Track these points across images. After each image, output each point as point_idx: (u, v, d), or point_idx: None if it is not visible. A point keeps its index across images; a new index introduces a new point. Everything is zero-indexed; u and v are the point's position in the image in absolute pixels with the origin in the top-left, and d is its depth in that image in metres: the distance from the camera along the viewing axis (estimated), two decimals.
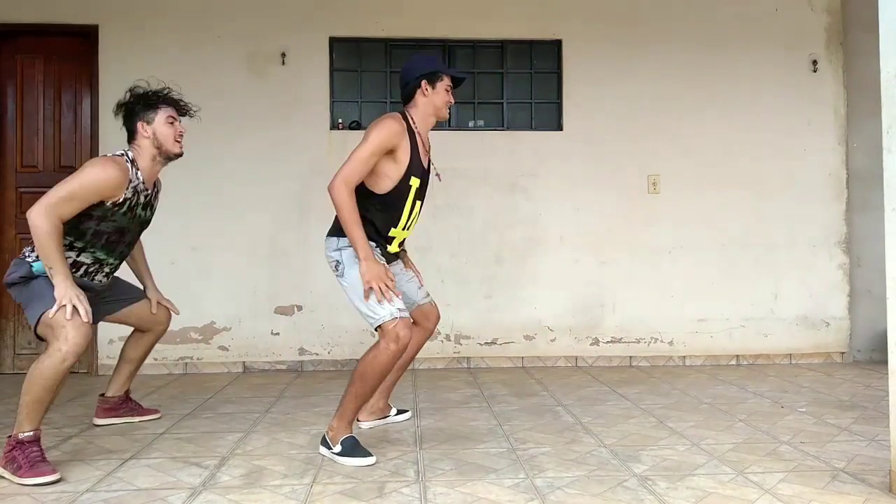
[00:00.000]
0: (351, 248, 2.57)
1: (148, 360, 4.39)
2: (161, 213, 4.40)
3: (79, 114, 4.50)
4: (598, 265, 4.64)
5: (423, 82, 2.78)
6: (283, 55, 4.50)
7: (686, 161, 4.65)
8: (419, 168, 2.70)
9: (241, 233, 4.45)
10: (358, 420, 2.93)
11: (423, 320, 2.93)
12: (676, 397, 3.55)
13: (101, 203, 2.54)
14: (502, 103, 4.68)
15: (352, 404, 2.55)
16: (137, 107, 2.68)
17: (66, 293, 2.34)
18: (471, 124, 4.68)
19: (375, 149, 2.57)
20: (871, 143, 4.48)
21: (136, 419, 3.11)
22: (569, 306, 4.61)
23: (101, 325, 4.36)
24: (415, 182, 2.69)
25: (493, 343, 4.57)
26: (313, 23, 4.53)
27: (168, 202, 4.45)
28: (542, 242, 4.62)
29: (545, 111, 4.70)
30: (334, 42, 4.59)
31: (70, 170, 4.47)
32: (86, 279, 2.69)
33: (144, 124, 2.67)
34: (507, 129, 4.65)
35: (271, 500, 2.09)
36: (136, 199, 2.66)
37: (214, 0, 4.52)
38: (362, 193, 2.62)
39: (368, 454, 2.48)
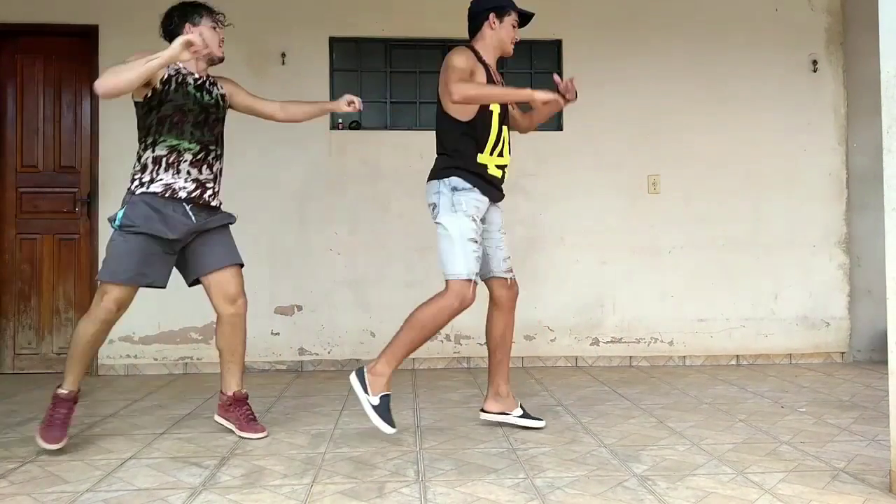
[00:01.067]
0: (448, 194, 2.67)
1: (148, 360, 4.41)
2: None
3: (79, 114, 4.50)
4: (598, 265, 4.64)
5: (492, 15, 2.81)
6: (283, 55, 4.50)
7: (686, 161, 4.65)
8: None
9: (241, 233, 4.40)
10: (483, 410, 2.91)
11: (501, 297, 2.84)
12: (676, 397, 3.55)
13: (154, 90, 2.62)
14: None
15: (402, 351, 2.62)
16: (186, 8, 2.80)
17: (171, 47, 2.41)
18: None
19: (461, 71, 2.64)
20: (871, 143, 4.48)
21: (236, 432, 2.80)
22: (569, 306, 4.61)
23: None
24: (495, 107, 2.74)
25: None
26: (313, 23, 4.53)
27: None
28: (542, 242, 4.62)
29: None
30: (334, 42, 4.59)
31: (70, 170, 4.49)
32: (171, 176, 2.64)
33: (191, 26, 2.75)
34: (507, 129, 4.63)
35: (271, 500, 2.09)
36: (180, 77, 2.69)
37: (214, 0, 4.51)
38: (449, 126, 2.73)
39: (392, 424, 2.55)
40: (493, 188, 2.79)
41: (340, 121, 4.57)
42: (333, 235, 4.53)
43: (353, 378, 2.65)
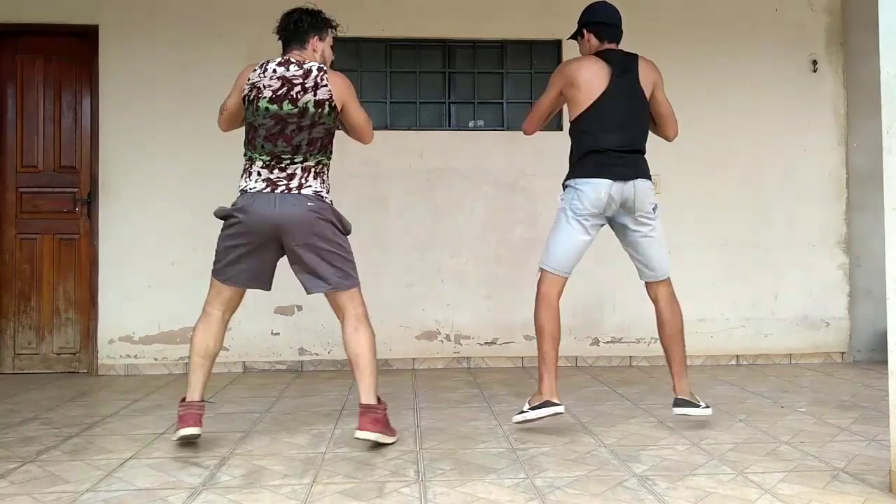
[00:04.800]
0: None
1: (148, 360, 4.41)
2: (161, 212, 4.44)
3: (79, 114, 4.50)
4: (598, 265, 4.62)
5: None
6: None
7: (686, 161, 4.64)
8: None
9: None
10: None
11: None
12: None
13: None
14: (502, 103, 4.68)
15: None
16: (320, 20, 2.76)
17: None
18: (471, 124, 4.68)
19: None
20: (871, 143, 4.47)
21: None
22: (568, 306, 4.56)
23: (100, 324, 4.40)
24: None
25: (493, 343, 4.57)
26: None
27: (168, 202, 4.48)
28: (542, 242, 4.60)
29: None
30: (334, 42, 4.58)
31: (70, 170, 4.50)
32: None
33: (317, 40, 2.74)
34: (507, 129, 4.64)
35: (271, 500, 2.09)
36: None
37: (215, 0, 4.52)
38: None
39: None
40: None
41: None
42: None
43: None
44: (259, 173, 2.66)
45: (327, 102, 2.65)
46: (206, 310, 2.79)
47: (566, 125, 4.62)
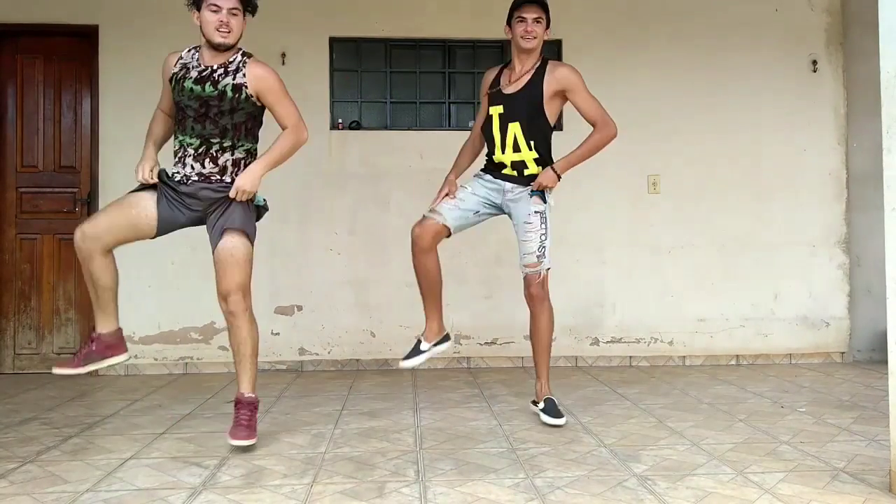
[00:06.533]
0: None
1: (148, 360, 4.41)
2: None
3: (79, 114, 4.50)
4: (598, 265, 4.63)
5: (505, 27, 3.10)
6: (283, 55, 4.49)
7: (686, 161, 4.65)
8: (497, 97, 3.07)
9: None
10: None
11: (525, 293, 3.10)
12: (676, 397, 3.55)
13: (170, 84, 2.75)
14: None
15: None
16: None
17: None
18: (471, 124, 4.66)
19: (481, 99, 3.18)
20: (871, 143, 4.48)
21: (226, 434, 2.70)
22: (569, 306, 4.60)
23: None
24: (494, 110, 3.06)
25: (493, 343, 4.57)
26: (313, 23, 4.53)
27: None
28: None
29: None
30: (334, 42, 4.59)
31: (70, 170, 4.49)
32: (180, 168, 2.72)
33: (196, 12, 2.74)
34: None
35: (271, 500, 2.09)
36: (182, 72, 2.71)
37: None
38: None
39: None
40: (512, 176, 3.09)
41: (340, 121, 4.57)
42: (333, 235, 4.53)
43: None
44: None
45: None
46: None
47: (566, 125, 4.65)
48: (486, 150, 3.18)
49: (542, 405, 3.01)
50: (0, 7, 4.36)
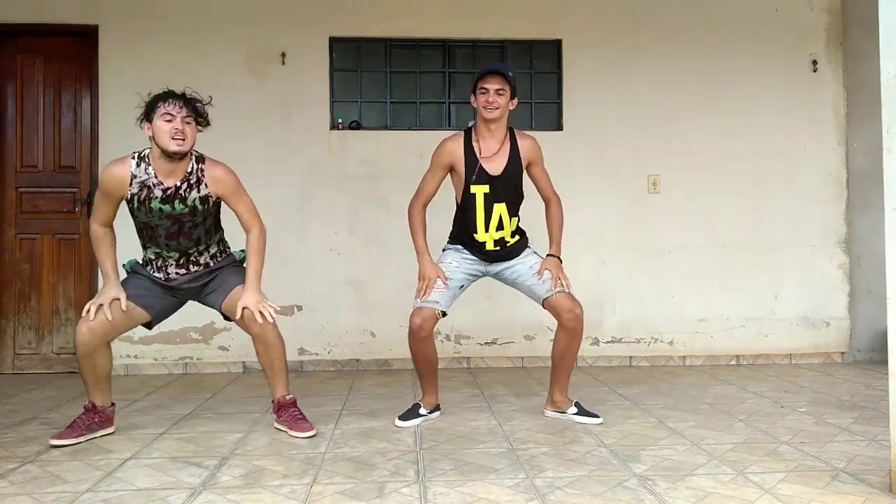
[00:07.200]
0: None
1: (147, 360, 4.41)
2: None
3: (79, 114, 4.50)
4: (598, 265, 4.63)
5: (472, 96, 3.04)
6: (283, 55, 4.50)
7: (686, 161, 4.65)
8: (482, 176, 2.98)
9: (242, 232, 4.44)
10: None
11: (555, 315, 3.05)
12: (676, 397, 3.55)
13: (127, 201, 2.76)
14: None
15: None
16: (145, 109, 2.76)
17: (96, 297, 2.76)
18: (471, 124, 4.65)
19: (433, 167, 3.12)
20: (871, 143, 4.48)
21: (289, 432, 2.83)
22: None
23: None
24: (478, 189, 2.99)
25: (493, 343, 4.57)
26: (313, 23, 4.53)
27: None
28: (542, 242, 4.59)
29: (545, 111, 4.69)
30: (334, 42, 4.59)
31: (70, 170, 4.49)
32: (162, 274, 2.86)
33: (147, 124, 2.73)
34: None
35: (271, 500, 2.09)
36: (144, 193, 2.72)
37: (214, 0, 4.52)
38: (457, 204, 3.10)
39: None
40: (491, 252, 3.09)
41: (340, 121, 4.57)
42: (333, 235, 4.53)
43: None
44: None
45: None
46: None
47: (566, 125, 4.66)
48: (458, 220, 3.15)
49: (573, 409, 3.06)
50: (0, 7, 4.36)
